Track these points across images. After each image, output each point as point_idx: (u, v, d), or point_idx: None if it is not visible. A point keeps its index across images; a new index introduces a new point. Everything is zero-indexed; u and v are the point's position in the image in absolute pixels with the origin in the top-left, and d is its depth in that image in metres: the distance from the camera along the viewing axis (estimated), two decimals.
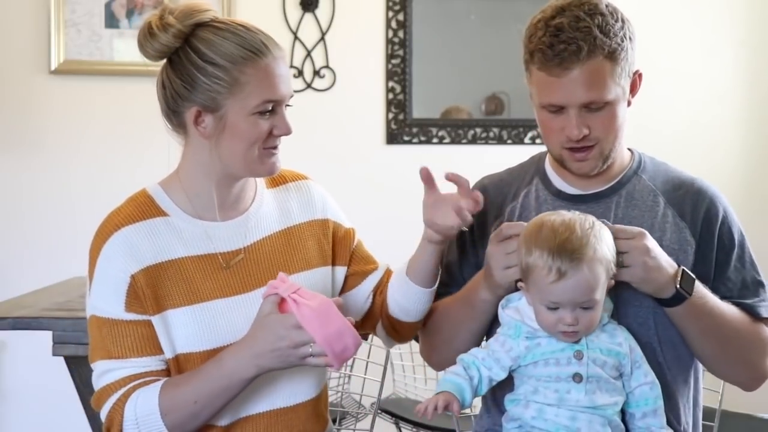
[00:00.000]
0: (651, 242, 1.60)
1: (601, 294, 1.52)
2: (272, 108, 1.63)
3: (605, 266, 1.52)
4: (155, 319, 1.64)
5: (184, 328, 1.64)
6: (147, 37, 1.63)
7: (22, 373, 3.81)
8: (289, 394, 1.71)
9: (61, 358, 2.61)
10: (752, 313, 1.72)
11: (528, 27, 1.70)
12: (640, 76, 1.73)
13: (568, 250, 1.49)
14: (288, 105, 1.68)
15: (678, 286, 1.60)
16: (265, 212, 1.76)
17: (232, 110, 1.61)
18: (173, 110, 1.66)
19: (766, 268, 1.96)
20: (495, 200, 1.82)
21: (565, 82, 1.63)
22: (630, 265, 1.57)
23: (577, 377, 1.52)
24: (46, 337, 2.58)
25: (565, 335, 1.53)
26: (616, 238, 1.57)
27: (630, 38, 1.68)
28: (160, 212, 1.68)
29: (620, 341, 1.58)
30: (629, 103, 1.73)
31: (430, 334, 1.84)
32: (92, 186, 3.81)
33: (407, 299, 1.78)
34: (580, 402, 1.52)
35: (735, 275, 1.73)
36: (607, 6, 1.67)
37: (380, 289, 1.86)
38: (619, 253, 1.57)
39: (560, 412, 1.52)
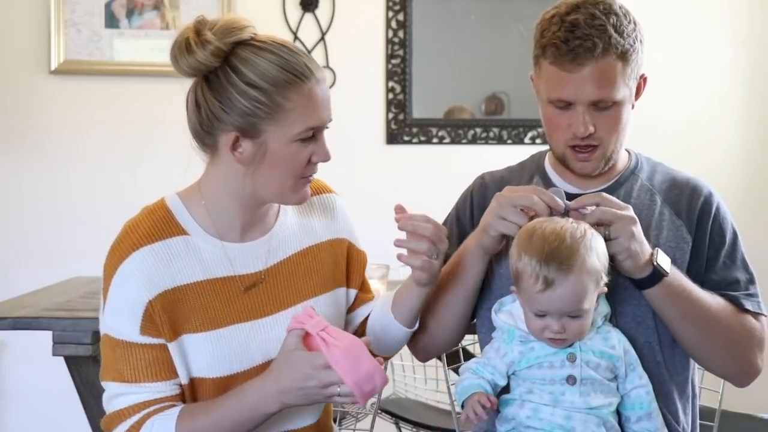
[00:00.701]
0: (636, 219, 1.61)
1: (589, 303, 1.51)
2: (313, 134, 1.57)
3: (594, 277, 1.51)
4: (171, 345, 1.57)
5: (201, 354, 1.58)
6: (183, 52, 1.53)
7: (22, 373, 3.81)
8: (298, 418, 1.67)
9: (61, 358, 2.61)
10: (736, 304, 1.72)
11: (540, 22, 1.71)
12: (645, 80, 1.74)
13: (557, 259, 1.48)
14: (326, 128, 1.61)
15: (654, 263, 1.59)
16: (287, 232, 1.70)
17: (273, 137, 1.53)
18: (207, 131, 1.57)
19: (765, 267, 1.96)
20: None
21: (576, 78, 1.64)
22: (617, 237, 1.57)
23: (570, 379, 1.52)
24: (46, 337, 2.58)
25: (552, 342, 1.53)
26: (604, 207, 1.57)
27: (641, 41, 1.69)
28: (180, 230, 1.59)
29: (614, 344, 1.57)
30: (633, 107, 1.73)
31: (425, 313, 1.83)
32: (92, 186, 3.81)
33: (386, 334, 1.75)
34: (575, 403, 1.52)
35: (723, 271, 1.74)
36: (620, 7, 1.68)
37: (367, 318, 1.82)
38: (606, 225, 1.57)
39: (555, 411, 1.52)
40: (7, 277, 3.74)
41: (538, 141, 3.97)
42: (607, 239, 1.56)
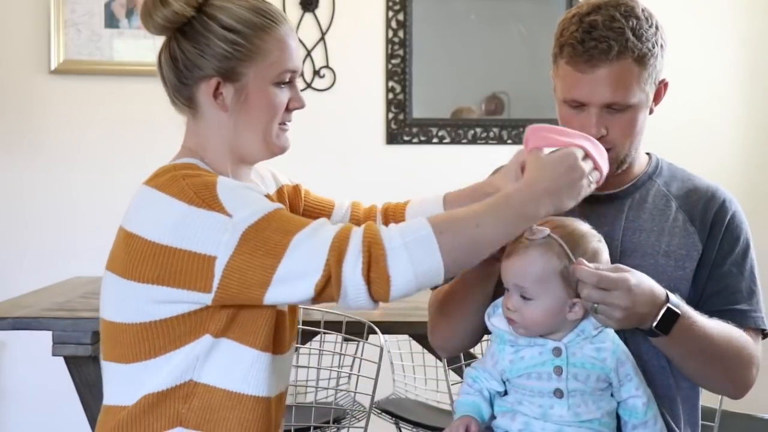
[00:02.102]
0: (634, 288, 1.49)
1: (548, 288, 1.49)
2: (289, 80, 1.60)
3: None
4: None
5: None
6: (158, 5, 1.55)
7: (22, 373, 3.81)
8: None
9: (61, 358, 2.61)
10: (740, 321, 1.69)
11: (561, 21, 1.69)
12: (665, 85, 1.73)
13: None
14: (299, 77, 1.63)
15: (653, 324, 1.53)
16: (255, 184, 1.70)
17: (254, 80, 1.56)
18: (185, 83, 1.58)
19: (766, 268, 1.96)
20: None
21: (590, 79, 1.62)
22: (601, 314, 1.50)
23: (557, 393, 1.50)
24: (46, 337, 2.58)
25: (509, 322, 1.52)
26: (594, 287, 1.48)
27: (662, 46, 1.68)
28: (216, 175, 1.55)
29: (605, 356, 1.52)
30: (651, 111, 1.72)
31: (440, 314, 1.79)
32: (92, 186, 3.81)
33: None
34: (564, 417, 1.49)
35: (727, 278, 1.71)
36: (643, 10, 1.67)
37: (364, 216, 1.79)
38: (593, 303, 1.49)
39: (546, 426, 1.50)
40: (7, 277, 3.74)
41: None
42: (594, 312, 1.50)
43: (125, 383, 1.56)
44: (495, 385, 1.56)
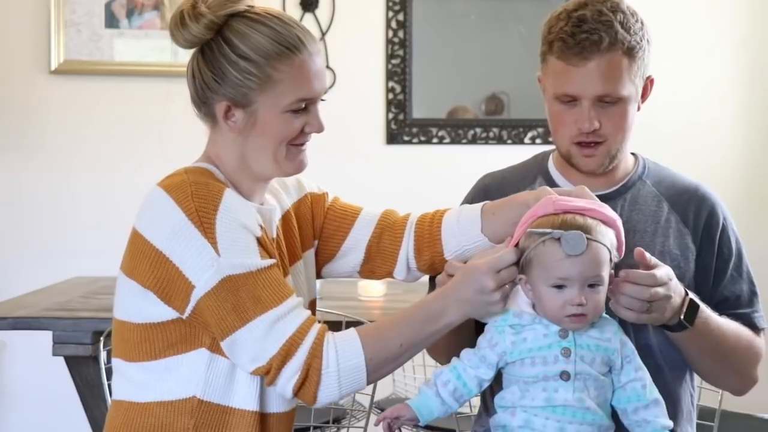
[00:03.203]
0: (674, 279, 1.56)
1: (606, 272, 1.51)
2: (305, 106, 1.59)
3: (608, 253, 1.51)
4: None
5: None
6: (178, 26, 1.56)
7: (22, 373, 3.81)
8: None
9: (61, 358, 2.62)
10: (747, 323, 1.74)
11: (548, 20, 1.71)
12: (651, 81, 1.75)
13: (576, 225, 1.49)
14: (322, 100, 1.63)
15: (682, 317, 1.59)
16: (269, 198, 1.71)
17: (264, 107, 1.56)
18: (202, 101, 1.60)
19: (765, 269, 1.97)
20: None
21: (582, 71, 1.65)
22: (654, 312, 1.55)
23: (564, 375, 1.50)
24: (46, 337, 2.58)
25: (572, 320, 1.52)
26: (637, 284, 1.53)
27: (648, 40, 1.70)
28: (224, 185, 1.56)
29: (609, 336, 1.55)
30: (639, 108, 1.73)
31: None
32: (92, 186, 3.81)
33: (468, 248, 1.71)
34: (568, 401, 1.50)
35: (731, 284, 1.75)
36: (628, 7, 1.70)
37: (396, 228, 1.77)
38: (645, 301, 1.53)
39: (548, 423, 1.50)
40: (7, 277, 3.74)
41: (538, 141, 3.97)
42: (647, 312, 1.54)
43: (129, 381, 1.58)
44: (483, 371, 1.53)
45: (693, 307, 1.60)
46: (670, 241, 1.71)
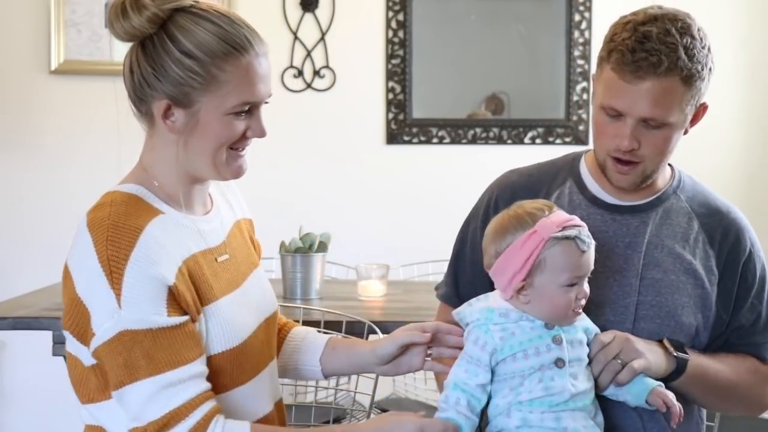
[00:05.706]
0: (629, 336, 1.59)
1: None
2: (249, 109, 1.50)
3: None
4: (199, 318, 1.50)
5: (210, 329, 1.50)
6: (118, 16, 1.48)
7: (22, 373, 3.81)
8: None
9: (61, 358, 2.61)
10: (757, 355, 1.73)
11: (614, 25, 1.64)
12: (705, 108, 1.70)
13: None
14: (266, 102, 1.54)
15: (675, 354, 1.60)
16: (221, 203, 1.67)
17: (206, 108, 1.48)
18: (140, 98, 1.52)
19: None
20: (523, 199, 1.69)
21: (633, 90, 1.58)
22: (629, 360, 1.55)
23: (560, 362, 1.51)
24: (46, 337, 2.58)
25: (576, 314, 1.54)
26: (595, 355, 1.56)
27: (710, 69, 1.65)
28: (156, 211, 1.49)
29: (585, 322, 1.59)
30: (686, 132, 1.70)
31: None
32: (92, 186, 3.79)
33: (299, 368, 1.76)
34: (565, 388, 1.51)
35: (750, 312, 1.72)
36: (699, 30, 1.64)
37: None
38: (614, 357, 1.56)
39: (544, 417, 1.50)
40: (7, 277, 3.74)
41: (538, 141, 3.97)
42: (623, 367, 1.55)
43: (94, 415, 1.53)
44: (481, 376, 1.53)
45: (677, 344, 1.62)
46: (697, 260, 1.69)
